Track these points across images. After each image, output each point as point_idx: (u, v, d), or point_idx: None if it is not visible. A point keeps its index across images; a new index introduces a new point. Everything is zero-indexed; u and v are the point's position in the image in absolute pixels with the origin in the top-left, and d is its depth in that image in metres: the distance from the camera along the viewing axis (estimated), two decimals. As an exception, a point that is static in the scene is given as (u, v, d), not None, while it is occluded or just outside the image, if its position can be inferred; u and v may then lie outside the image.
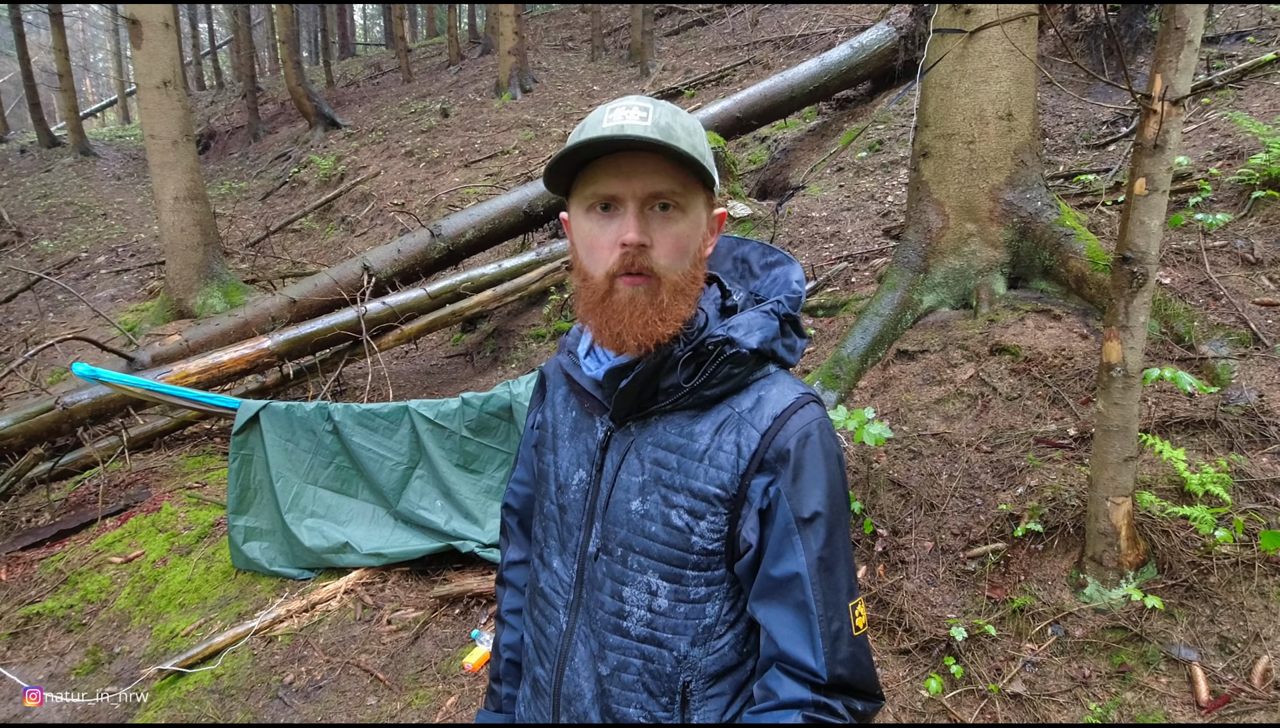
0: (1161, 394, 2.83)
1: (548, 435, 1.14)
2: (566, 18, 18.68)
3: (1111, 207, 4.06)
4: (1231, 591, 2.17)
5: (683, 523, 0.98)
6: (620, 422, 1.04)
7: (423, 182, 10.11)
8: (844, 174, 6.39)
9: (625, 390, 0.99)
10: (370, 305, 5.06)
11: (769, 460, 0.95)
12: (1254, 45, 5.40)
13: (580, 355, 1.09)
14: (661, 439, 1.00)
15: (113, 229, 11.46)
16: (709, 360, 0.97)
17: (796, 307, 1.03)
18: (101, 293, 8.96)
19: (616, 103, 0.96)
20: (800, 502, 0.94)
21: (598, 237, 0.96)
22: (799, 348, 1.04)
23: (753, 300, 1.06)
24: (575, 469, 1.08)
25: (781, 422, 0.96)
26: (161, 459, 4.64)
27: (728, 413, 0.98)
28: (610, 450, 1.04)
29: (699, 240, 0.98)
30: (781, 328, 1.01)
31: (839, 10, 11.69)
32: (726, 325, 0.99)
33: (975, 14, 3.49)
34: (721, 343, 0.96)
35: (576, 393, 1.10)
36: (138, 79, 7.11)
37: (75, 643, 3.26)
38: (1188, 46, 2.02)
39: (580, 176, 0.97)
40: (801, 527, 0.94)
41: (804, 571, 0.93)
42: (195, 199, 7.33)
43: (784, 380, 1.01)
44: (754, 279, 1.10)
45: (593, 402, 1.06)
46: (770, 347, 0.99)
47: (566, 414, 1.12)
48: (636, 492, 1.01)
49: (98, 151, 15.94)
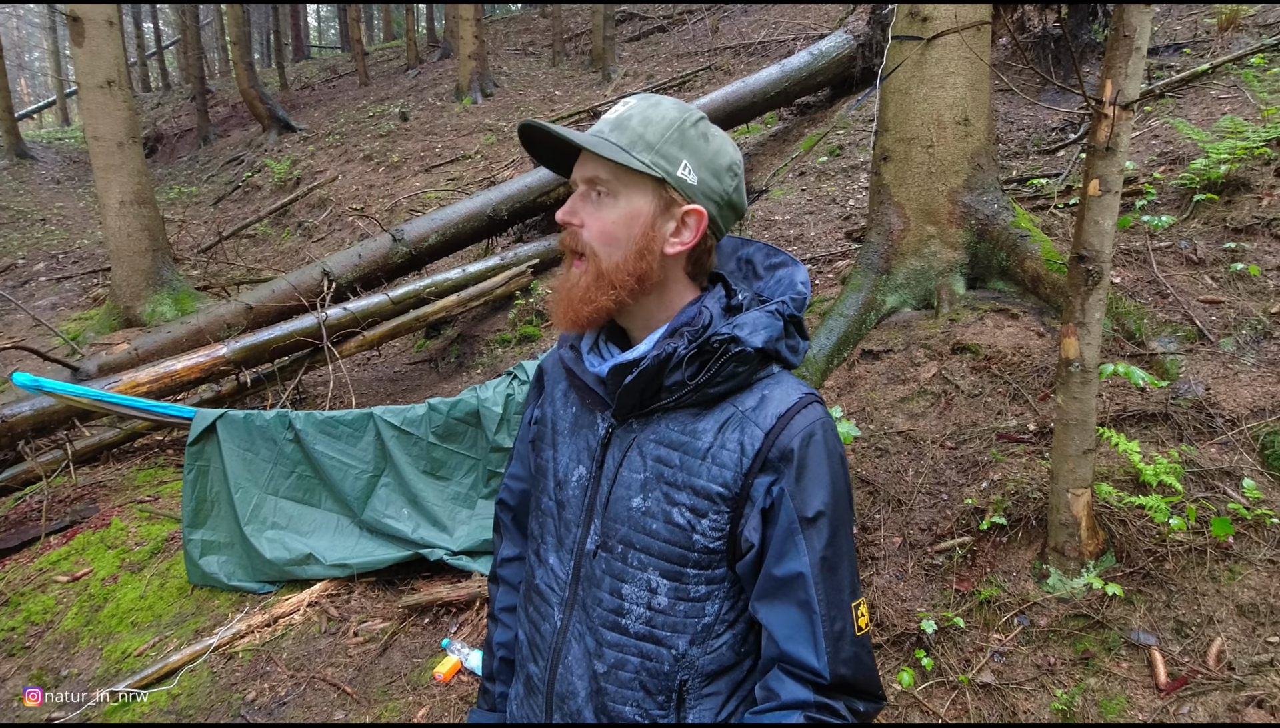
0: (1115, 389, 2.93)
1: (546, 431, 1.13)
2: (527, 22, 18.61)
3: (1063, 209, 4.20)
4: (1186, 576, 2.26)
5: (684, 521, 0.97)
6: (623, 418, 1.03)
7: (382, 186, 9.93)
8: (806, 178, 6.49)
9: (629, 387, 0.98)
10: (331, 311, 4.94)
11: (772, 460, 0.95)
12: (1190, 56, 5.67)
13: (584, 351, 1.08)
14: (664, 436, 1.00)
15: (53, 235, 10.98)
16: (714, 358, 0.96)
17: (801, 308, 1.03)
18: (41, 301, 8.56)
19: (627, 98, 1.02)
20: (804, 501, 0.94)
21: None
22: (801, 349, 1.04)
23: (756, 301, 1.06)
24: (575, 465, 1.07)
25: (785, 421, 0.96)
26: (110, 473, 4.44)
27: (731, 411, 0.98)
28: (612, 447, 1.03)
29: (636, 232, 0.97)
30: (786, 328, 1.01)
31: (797, 18, 11.89)
32: (732, 324, 0.99)
33: (932, 21, 3.58)
34: (726, 341, 0.96)
35: (577, 388, 1.08)
36: (79, 78, 6.83)
37: (18, 668, 3.10)
38: (1136, 53, 2.10)
39: None
40: (805, 526, 0.94)
41: (807, 570, 0.93)
42: (142, 203, 7.06)
43: (787, 381, 1.01)
44: (758, 280, 1.10)
45: (594, 397, 1.05)
46: (774, 346, 0.99)
47: (566, 410, 1.11)
48: (638, 489, 1.00)
49: (35, 154, 15.27)
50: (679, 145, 0.98)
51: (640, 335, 1.05)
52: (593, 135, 0.97)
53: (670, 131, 0.98)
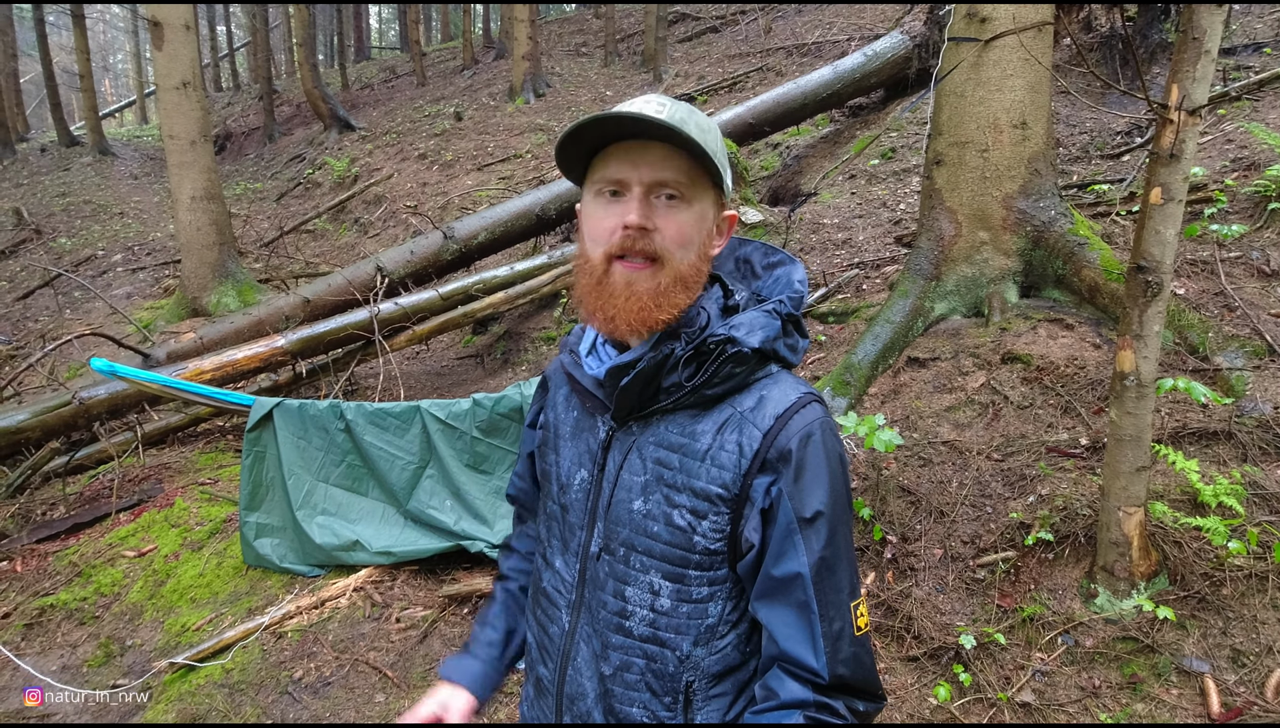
0: (1175, 405, 2.82)
1: (550, 436, 1.15)
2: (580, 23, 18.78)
3: (1125, 216, 4.04)
4: (1244, 603, 2.16)
5: (685, 523, 0.98)
6: (622, 421, 1.04)
7: (435, 184, 10.17)
8: (856, 181, 6.39)
9: (627, 389, 0.99)
10: (383, 306, 5.10)
11: (771, 460, 0.95)
12: (1271, 57, 5.38)
13: (582, 354, 1.09)
14: (663, 439, 1.00)
15: (129, 228, 11.59)
16: (710, 359, 0.97)
17: (799, 306, 1.03)
18: (118, 290, 9.06)
19: (635, 99, 0.98)
20: (802, 501, 0.94)
21: (601, 219, 0.98)
22: (801, 348, 1.04)
23: (755, 300, 1.06)
24: (577, 469, 1.08)
25: (783, 421, 0.96)
26: (175, 455, 4.68)
27: (729, 412, 0.98)
28: (612, 450, 1.04)
29: (704, 235, 0.99)
30: (783, 328, 1.01)
31: (852, 18, 11.71)
32: (728, 324, 0.99)
33: (991, 22, 3.49)
34: (723, 342, 0.96)
35: (578, 392, 1.10)
36: (158, 80, 7.21)
37: (88, 636, 3.29)
38: (1205, 56, 2.01)
39: (593, 163, 1.00)
40: (803, 526, 0.94)
41: (805, 570, 0.93)
42: (211, 199, 7.41)
43: (786, 380, 1.01)
44: (756, 279, 1.10)
45: (594, 401, 1.07)
46: (772, 346, 0.99)
47: (568, 414, 1.12)
48: (639, 491, 1.01)
49: (116, 151, 16.14)
50: (723, 152, 1.00)
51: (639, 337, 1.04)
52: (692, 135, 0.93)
53: (719, 140, 1.00)
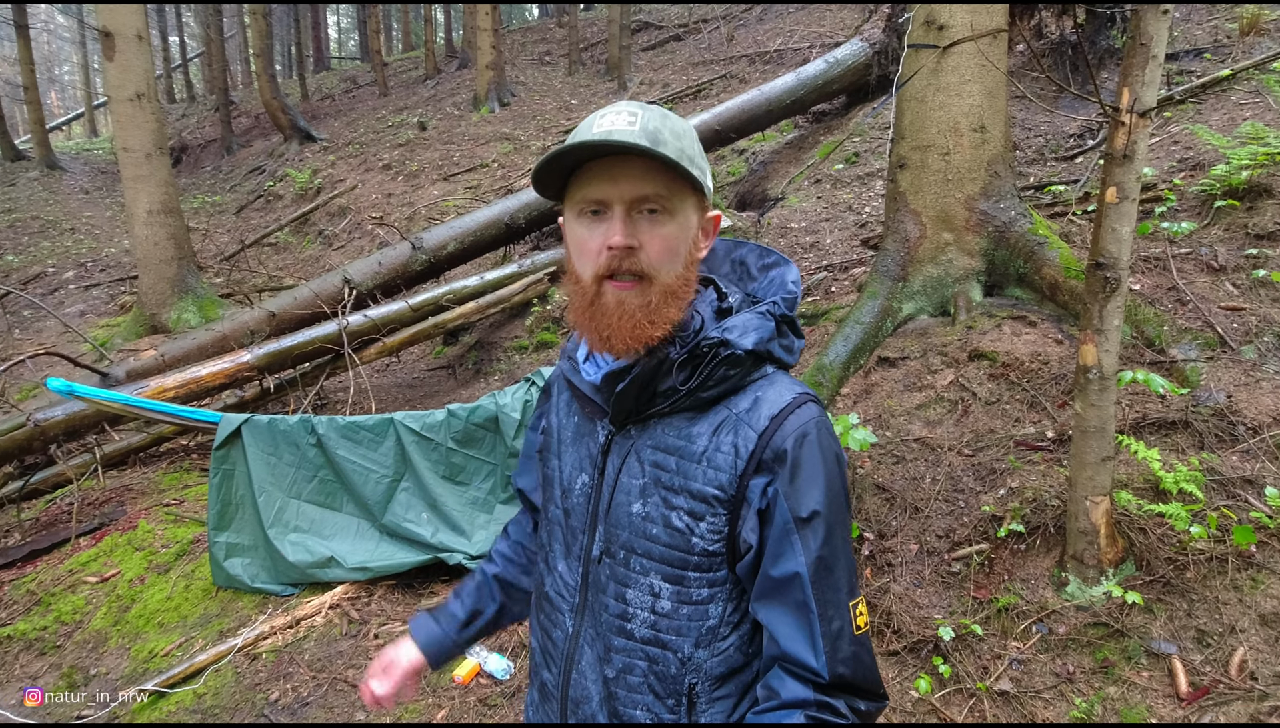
0: (1134, 396, 2.92)
1: (552, 441, 1.15)
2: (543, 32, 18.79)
3: (1081, 216, 4.18)
4: (1207, 585, 2.24)
5: (683, 525, 0.98)
6: (620, 425, 1.04)
7: (401, 195, 10.07)
8: (821, 186, 6.50)
9: (623, 393, 1.00)
10: (352, 318, 5.02)
11: (766, 461, 0.96)
12: (1210, 61, 5.62)
13: (580, 361, 1.09)
14: (660, 441, 1.01)
15: (81, 244, 11.23)
16: (705, 362, 0.97)
17: (793, 307, 1.04)
18: (70, 308, 8.77)
19: (607, 109, 0.97)
20: (798, 501, 0.95)
21: (586, 240, 0.97)
22: (797, 348, 1.05)
23: (749, 302, 1.07)
24: (578, 474, 1.09)
25: (778, 422, 0.96)
26: (137, 476, 4.54)
27: (725, 414, 0.99)
28: (611, 454, 1.05)
29: (689, 243, 0.99)
30: (778, 328, 1.01)
31: (813, 26, 11.92)
32: (722, 327, 0.99)
33: (949, 30, 3.59)
34: (717, 344, 0.97)
35: (577, 398, 1.11)
36: (110, 91, 7.01)
37: (49, 666, 3.17)
38: (1153, 61, 2.10)
39: (572, 182, 0.99)
40: (800, 526, 0.94)
41: (803, 570, 0.94)
42: (169, 213, 7.22)
43: (781, 381, 1.01)
44: (751, 281, 1.11)
45: (593, 406, 1.07)
46: (766, 347, 1.00)
47: (569, 419, 1.13)
48: (637, 494, 1.01)
49: (64, 165, 15.64)
50: (701, 155, 1.01)
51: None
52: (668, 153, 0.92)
53: (696, 142, 1.01)
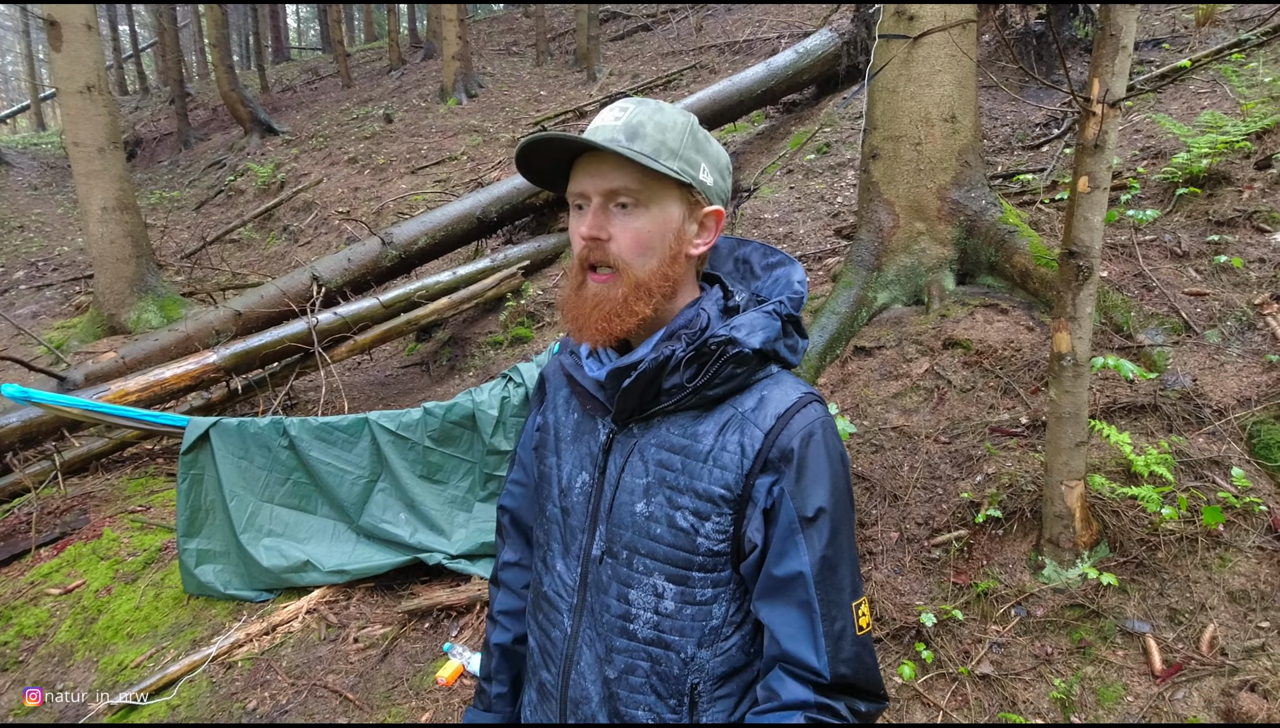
0: (1105, 382, 2.98)
1: (549, 438, 1.13)
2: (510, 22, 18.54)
3: (1049, 204, 4.25)
4: (1178, 565, 2.30)
5: (688, 524, 0.98)
6: (623, 423, 1.03)
7: (368, 189, 9.86)
8: (794, 176, 6.52)
9: (628, 390, 0.99)
10: (321, 316, 4.91)
11: (772, 460, 0.96)
12: (1169, 52, 5.75)
13: (582, 356, 1.08)
14: (665, 440, 1.00)
15: (31, 242, 10.82)
16: (712, 360, 0.97)
17: (799, 307, 1.04)
18: (22, 309, 8.45)
19: (614, 104, 0.99)
20: (804, 501, 0.95)
21: (573, 230, 1.01)
22: (801, 348, 1.05)
23: (754, 301, 1.07)
24: (578, 472, 1.07)
25: (785, 421, 0.96)
26: (100, 483, 4.40)
27: (731, 413, 0.98)
28: (613, 452, 1.03)
29: (667, 237, 0.98)
30: (784, 328, 1.01)
31: (781, 16, 11.94)
32: (729, 325, 0.99)
33: (919, 20, 3.61)
34: (724, 343, 0.97)
35: (578, 394, 1.09)
36: (58, 84, 6.74)
37: (12, 682, 3.06)
38: (1122, 52, 2.13)
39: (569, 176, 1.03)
40: (805, 526, 0.94)
41: (807, 570, 0.94)
42: (125, 209, 6.98)
43: (787, 380, 1.01)
44: (755, 280, 1.10)
45: (595, 403, 1.06)
46: (772, 347, 1.00)
47: (568, 416, 1.11)
48: (641, 494, 1.00)
49: (11, 160, 15.05)
50: (695, 149, 0.99)
51: (640, 339, 1.05)
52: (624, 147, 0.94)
53: (686, 136, 0.99)
